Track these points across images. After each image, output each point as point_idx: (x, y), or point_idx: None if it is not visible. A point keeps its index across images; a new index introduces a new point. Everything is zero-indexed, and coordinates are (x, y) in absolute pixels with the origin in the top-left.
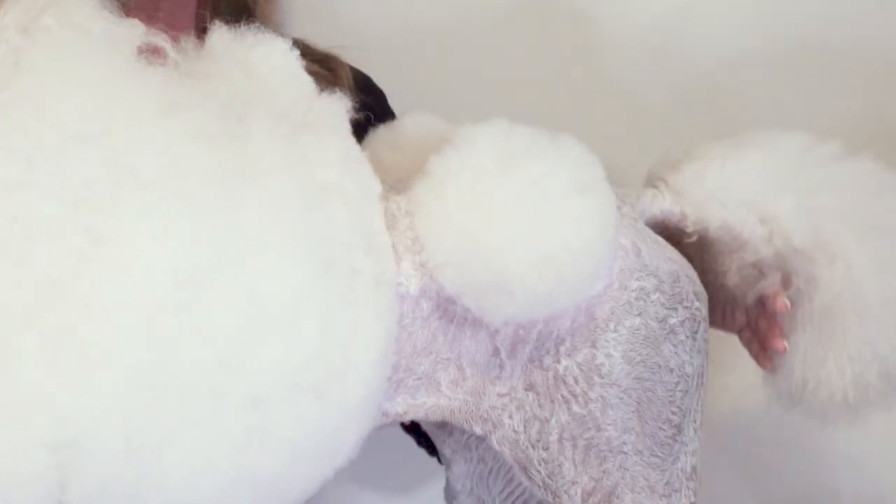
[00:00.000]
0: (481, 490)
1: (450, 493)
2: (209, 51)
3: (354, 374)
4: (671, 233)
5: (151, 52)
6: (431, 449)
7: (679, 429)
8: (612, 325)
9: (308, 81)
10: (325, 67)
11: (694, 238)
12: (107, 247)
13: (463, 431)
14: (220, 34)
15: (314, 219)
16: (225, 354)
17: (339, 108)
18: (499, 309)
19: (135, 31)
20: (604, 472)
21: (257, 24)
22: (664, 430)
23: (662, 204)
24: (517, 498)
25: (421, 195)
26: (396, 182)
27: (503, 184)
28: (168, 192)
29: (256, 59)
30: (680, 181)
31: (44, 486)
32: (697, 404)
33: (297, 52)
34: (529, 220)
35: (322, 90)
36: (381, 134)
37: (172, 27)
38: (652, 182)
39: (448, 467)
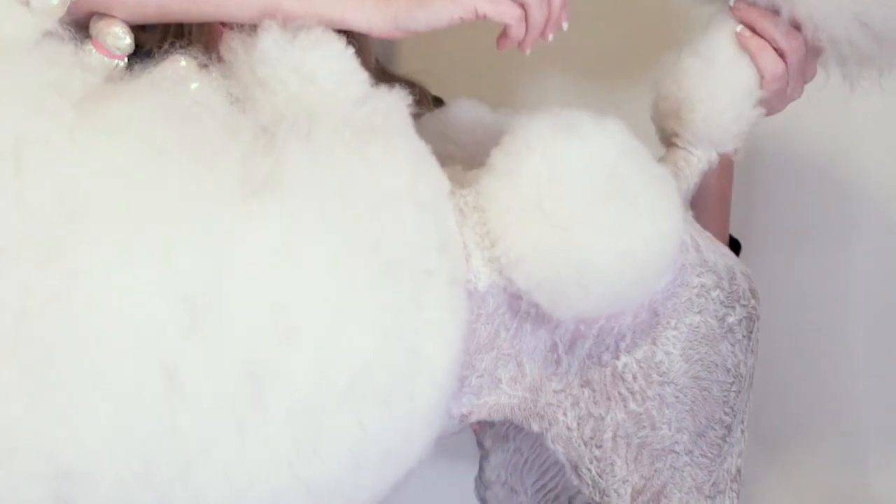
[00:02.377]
0: (514, 480)
1: (482, 483)
2: (262, 55)
3: (426, 379)
4: None
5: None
6: None
7: (729, 429)
8: (672, 323)
9: (366, 80)
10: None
11: None
12: (77, 278)
13: (503, 422)
14: (273, 37)
15: (373, 225)
16: (254, 367)
17: (401, 104)
18: (572, 304)
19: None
20: (655, 471)
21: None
22: (716, 430)
23: (698, 166)
24: (549, 491)
25: (492, 189)
26: (455, 174)
27: (580, 177)
28: (169, 209)
29: (312, 63)
30: (693, 128)
31: None
32: (746, 405)
33: (352, 50)
34: (612, 215)
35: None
36: (429, 123)
37: None
38: (667, 138)
39: (485, 457)
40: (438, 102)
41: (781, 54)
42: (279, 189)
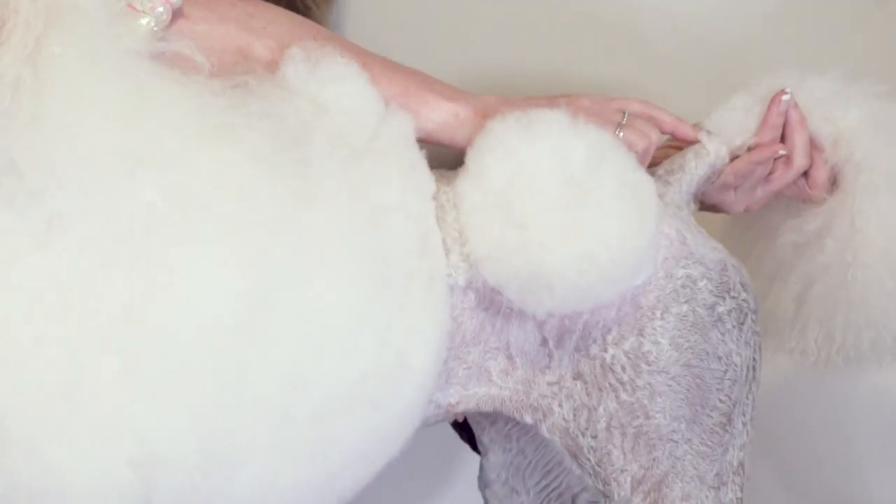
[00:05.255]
0: (516, 481)
1: (483, 481)
2: (282, 80)
3: (409, 379)
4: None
5: (180, 61)
6: (473, 443)
7: (728, 418)
8: (658, 313)
9: (378, 113)
10: None
11: None
12: (172, 271)
13: (506, 422)
14: (294, 67)
15: (371, 239)
16: (290, 374)
17: (407, 127)
18: (540, 302)
19: (153, 42)
20: (653, 459)
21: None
22: (712, 417)
23: (707, 158)
24: (552, 491)
25: (462, 187)
26: (446, 171)
27: (541, 179)
28: (230, 217)
29: (328, 97)
30: (714, 120)
31: (131, 502)
32: (748, 398)
33: (370, 92)
34: (568, 217)
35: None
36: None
37: None
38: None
39: (484, 455)
40: None
41: (787, 150)
42: (313, 202)
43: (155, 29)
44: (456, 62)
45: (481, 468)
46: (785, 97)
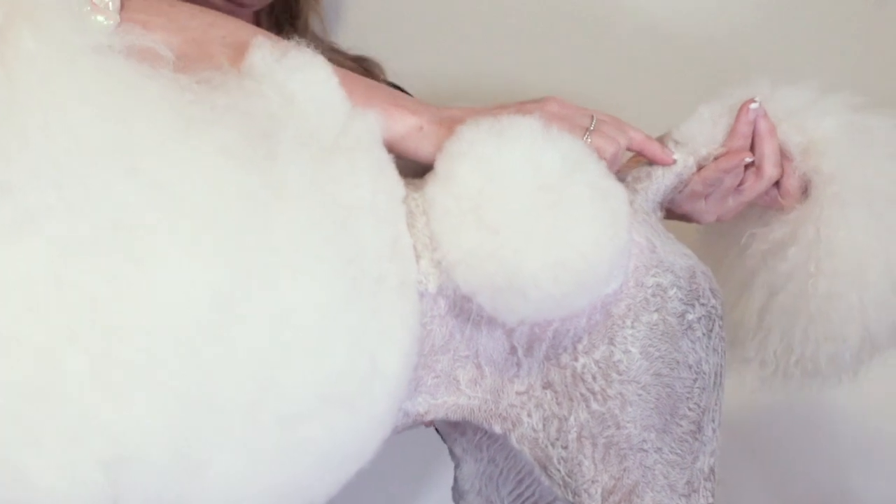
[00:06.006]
0: (490, 491)
1: (458, 493)
2: (250, 68)
3: (381, 382)
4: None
5: (151, 58)
6: None
7: (698, 426)
8: (629, 322)
9: (345, 109)
10: (361, 68)
11: None
12: (142, 267)
13: (475, 432)
14: (261, 53)
15: (341, 239)
16: (257, 374)
17: (374, 129)
18: (513, 309)
19: (127, 36)
20: (624, 470)
21: (299, 38)
22: (682, 426)
23: (673, 168)
24: (526, 499)
25: (432, 193)
26: (412, 179)
27: (515, 184)
28: (199, 210)
29: (295, 86)
30: (682, 130)
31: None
32: (716, 404)
33: (335, 81)
34: (546, 222)
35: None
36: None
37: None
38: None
39: (457, 466)
40: (392, 85)
41: (756, 160)
42: (282, 200)
43: (108, 24)
44: (455, 62)
45: (455, 479)
46: (753, 106)
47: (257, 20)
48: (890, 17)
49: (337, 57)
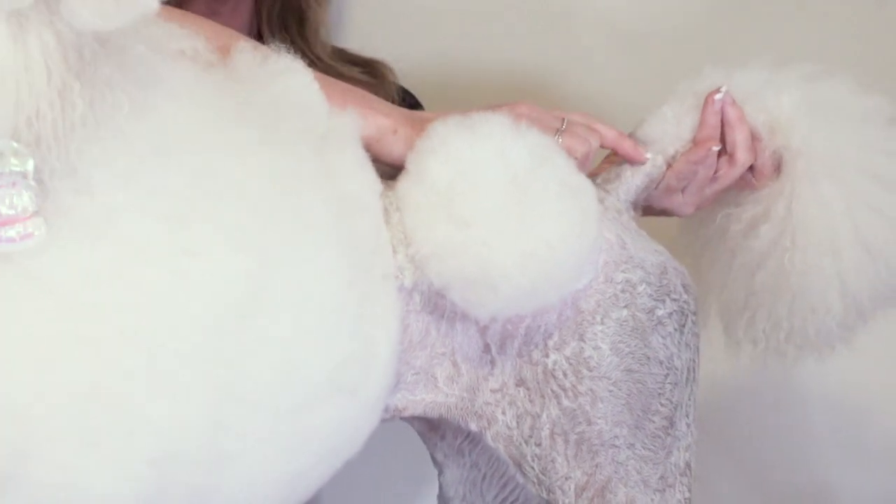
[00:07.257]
0: (475, 496)
1: (443, 500)
2: (234, 73)
3: (377, 367)
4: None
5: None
6: None
7: (671, 422)
8: (598, 318)
9: (325, 112)
10: (370, 73)
11: None
12: (197, 260)
13: (455, 436)
14: (244, 58)
15: (344, 226)
16: (282, 363)
17: (353, 126)
18: (483, 303)
19: (172, 34)
20: (596, 466)
21: (304, 41)
22: (654, 421)
23: (642, 168)
24: (512, 503)
25: (404, 189)
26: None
27: (485, 178)
28: (240, 200)
29: (275, 90)
30: (646, 131)
31: (142, 501)
32: (689, 399)
33: (317, 86)
34: (515, 216)
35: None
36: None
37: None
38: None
39: (441, 472)
40: (408, 95)
41: (728, 148)
42: (300, 188)
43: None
44: (459, 62)
45: (440, 486)
46: (717, 96)
47: (258, 20)
48: (890, 17)
49: (347, 59)
